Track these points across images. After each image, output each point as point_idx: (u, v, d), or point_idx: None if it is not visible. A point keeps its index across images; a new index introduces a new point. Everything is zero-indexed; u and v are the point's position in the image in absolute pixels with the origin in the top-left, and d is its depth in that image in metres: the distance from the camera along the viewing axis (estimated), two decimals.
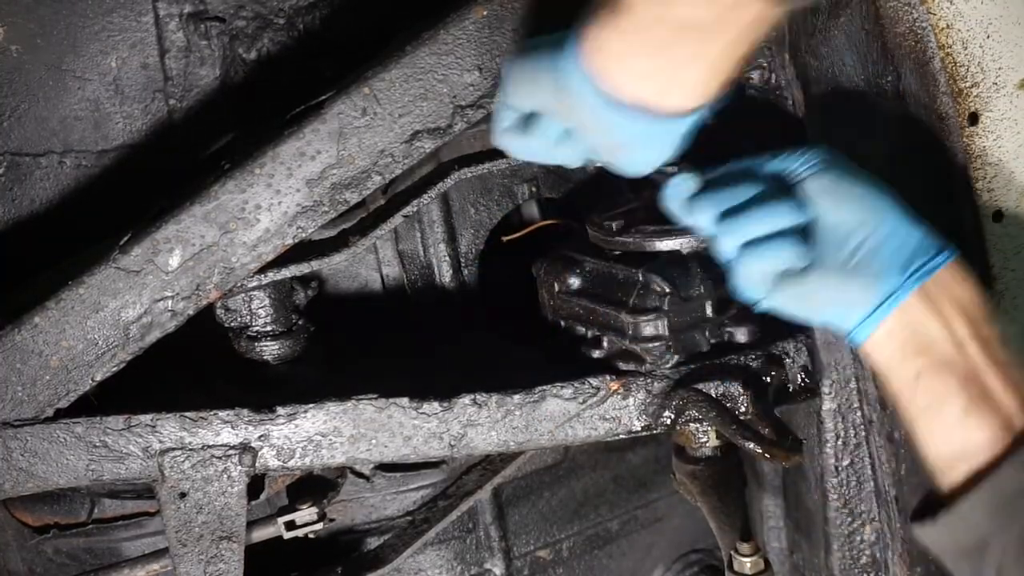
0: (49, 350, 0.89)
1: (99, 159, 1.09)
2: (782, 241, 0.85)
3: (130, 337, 0.91)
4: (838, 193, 0.85)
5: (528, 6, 0.89)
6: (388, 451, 0.98)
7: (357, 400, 0.96)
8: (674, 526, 1.50)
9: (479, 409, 0.98)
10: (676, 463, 1.06)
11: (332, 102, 0.88)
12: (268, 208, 0.90)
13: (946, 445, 0.81)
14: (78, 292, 0.89)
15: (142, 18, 1.05)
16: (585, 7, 0.73)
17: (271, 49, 1.09)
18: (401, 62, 0.87)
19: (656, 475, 1.46)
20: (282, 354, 1.05)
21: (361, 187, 0.91)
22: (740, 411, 0.98)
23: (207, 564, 0.97)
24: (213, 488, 0.95)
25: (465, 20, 0.87)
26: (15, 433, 0.90)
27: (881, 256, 0.82)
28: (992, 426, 0.79)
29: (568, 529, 1.40)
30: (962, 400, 0.80)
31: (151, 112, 1.09)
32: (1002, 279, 0.97)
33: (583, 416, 1.00)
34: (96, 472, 0.93)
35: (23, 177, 1.08)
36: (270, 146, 0.89)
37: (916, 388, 0.82)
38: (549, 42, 0.79)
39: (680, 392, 0.98)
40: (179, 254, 0.90)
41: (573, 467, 1.39)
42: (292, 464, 0.97)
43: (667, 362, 0.99)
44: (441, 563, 1.31)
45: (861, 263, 0.82)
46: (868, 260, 0.82)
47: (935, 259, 0.81)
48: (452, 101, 0.89)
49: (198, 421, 0.94)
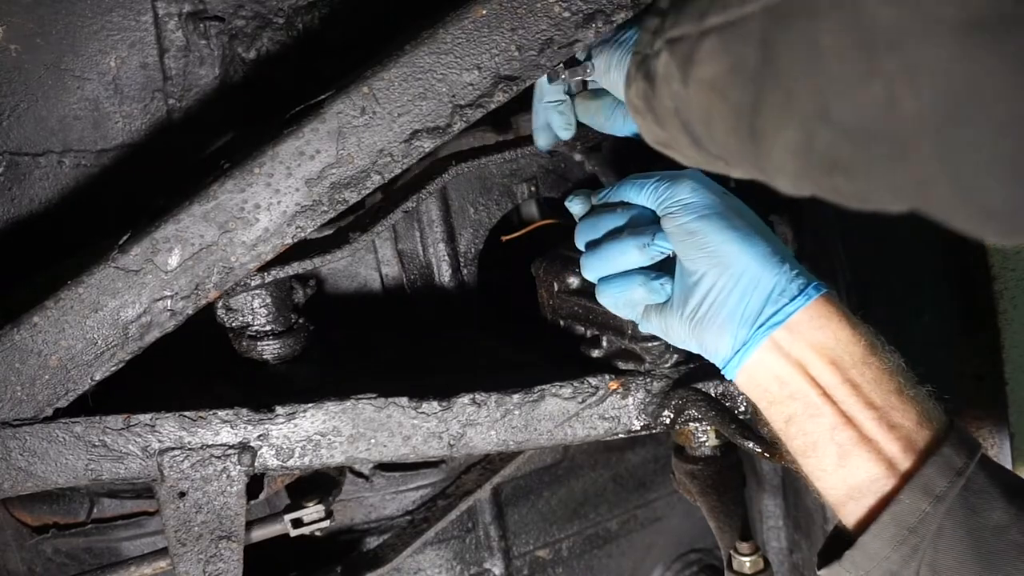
0: (48, 349, 0.89)
1: (98, 159, 1.09)
2: (630, 280, 0.87)
3: (129, 336, 0.91)
4: (688, 238, 0.83)
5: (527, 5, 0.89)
6: (387, 451, 0.98)
7: (356, 400, 0.96)
8: (673, 526, 1.50)
9: (478, 408, 0.98)
10: (675, 462, 1.06)
11: (331, 101, 0.88)
12: (267, 207, 0.90)
13: (830, 486, 0.80)
14: (77, 291, 0.89)
15: (141, 17, 1.05)
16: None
17: (270, 49, 1.09)
18: (400, 61, 0.87)
19: (655, 475, 1.46)
20: (282, 353, 1.05)
21: (360, 186, 0.90)
22: (739, 410, 0.98)
23: (206, 563, 0.97)
24: (212, 487, 0.95)
25: (464, 19, 0.87)
26: (14, 433, 0.90)
27: (728, 307, 0.80)
28: (873, 470, 0.77)
29: (567, 529, 1.40)
30: (834, 446, 0.78)
31: (150, 112, 1.09)
32: (1002, 279, 0.97)
33: (582, 415, 1.00)
34: (95, 471, 0.93)
35: (22, 177, 1.08)
36: (269, 145, 0.88)
37: (788, 432, 0.81)
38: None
39: (679, 391, 0.98)
40: (178, 254, 0.90)
41: (572, 467, 1.39)
42: (291, 464, 0.97)
43: (666, 361, 0.99)
44: (440, 563, 1.31)
45: (710, 313, 0.81)
46: (715, 311, 0.81)
47: (787, 307, 0.79)
48: (451, 100, 0.89)
49: (197, 421, 0.94)
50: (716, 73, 0.63)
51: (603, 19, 0.86)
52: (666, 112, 0.72)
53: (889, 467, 0.77)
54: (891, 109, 0.48)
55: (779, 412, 0.81)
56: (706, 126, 0.68)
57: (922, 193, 0.50)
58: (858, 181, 0.55)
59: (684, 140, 0.73)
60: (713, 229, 0.81)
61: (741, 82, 0.61)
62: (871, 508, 0.77)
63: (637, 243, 0.86)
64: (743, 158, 0.67)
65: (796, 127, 0.56)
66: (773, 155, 0.61)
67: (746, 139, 0.63)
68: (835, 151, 0.54)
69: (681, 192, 0.84)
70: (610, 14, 0.86)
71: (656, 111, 0.73)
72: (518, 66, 0.88)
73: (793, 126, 0.57)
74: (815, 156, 0.56)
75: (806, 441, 0.80)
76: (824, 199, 0.61)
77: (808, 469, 0.81)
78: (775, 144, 0.60)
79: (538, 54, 0.87)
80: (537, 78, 0.89)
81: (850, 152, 0.53)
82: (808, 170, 0.58)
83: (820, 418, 0.79)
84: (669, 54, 0.69)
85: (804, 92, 0.55)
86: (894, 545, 0.75)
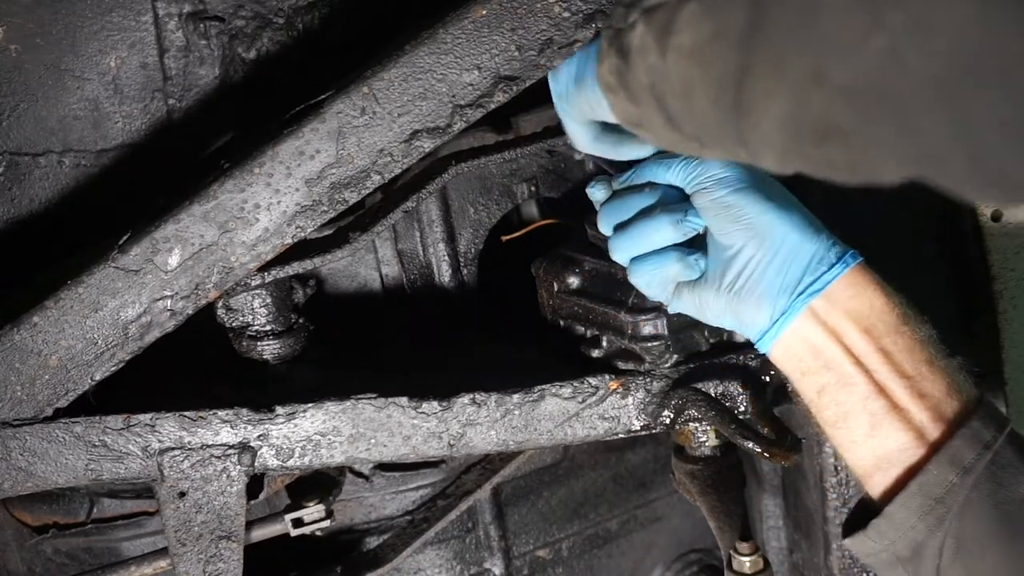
0: (48, 349, 0.89)
1: (98, 159, 1.09)
2: (664, 257, 0.86)
3: (129, 336, 0.91)
4: (723, 211, 0.83)
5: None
6: (387, 450, 0.98)
7: (356, 399, 0.96)
8: (673, 526, 1.50)
9: (478, 408, 0.98)
10: (675, 462, 1.06)
11: (331, 101, 0.88)
12: (267, 207, 0.90)
13: (859, 457, 0.80)
14: (77, 291, 0.89)
15: (141, 17, 1.05)
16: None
17: (270, 49, 1.09)
18: (400, 61, 0.87)
19: (655, 475, 1.46)
20: (282, 353, 1.05)
21: (360, 186, 0.91)
22: (739, 410, 0.98)
23: (206, 563, 0.97)
24: (212, 487, 0.95)
25: (464, 19, 0.87)
26: (14, 433, 0.90)
27: (767, 278, 0.80)
28: (902, 439, 0.77)
29: (567, 528, 1.40)
30: (866, 416, 0.78)
31: (150, 112, 1.09)
32: (1002, 279, 0.97)
33: (582, 415, 1.00)
34: (95, 471, 0.93)
35: (22, 177, 1.08)
36: (269, 145, 0.88)
37: (820, 403, 0.81)
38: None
39: (679, 391, 0.98)
40: (178, 253, 0.90)
41: (572, 467, 1.39)
42: (291, 464, 0.97)
43: (666, 361, 0.99)
44: (440, 562, 1.31)
45: (747, 285, 0.81)
46: (754, 282, 0.81)
47: (825, 275, 0.79)
48: (451, 100, 0.89)
49: (197, 421, 0.94)
50: (697, 40, 0.61)
51: (603, 19, 0.86)
52: (640, 87, 0.69)
53: (918, 437, 0.77)
54: (895, 67, 0.45)
55: (812, 383, 0.81)
56: (684, 99, 0.65)
57: (929, 160, 0.48)
58: (854, 149, 0.52)
59: (658, 119, 0.70)
60: (749, 201, 0.81)
61: (725, 48, 0.58)
62: (898, 478, 0.77)
63: (671, 219, 0.86)
64: (723, 134, 0.64)
65: (787, 94, 0.54)
66: (760, 127, 0.58)
67: (729, 111, 0.60)
68: (831, 116, 0.52)
69: (712, 168, 0.84)
70: (610, 14, 0.86)
71: (630, 87, 0.71)
72: (518, 66, 0.88)
73: (784, 93, 0.54)
74: (807, 124, 0.54)
75: (838, 411, 0.80)
76: (812, 174, 0.58)
77: (838, 440, 0.81)
78: (764, 115, 0.57)
79: (538, 54, 0.87)
80: (537, 78, 0.89)
81: (848, 116, 0.51)
82: (798, 142, 0.56)
83: (853, 387, 0.79)
84: (645, 24, 0.66)
85: (797, 53, 0.51)
86: (920, 515, 0.75)
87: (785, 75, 0.53)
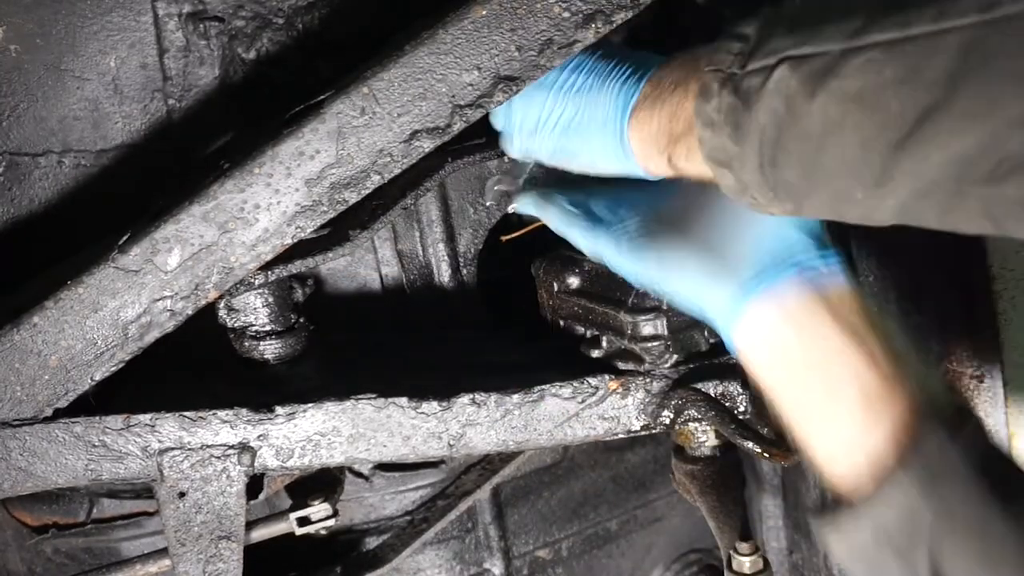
0: (48, 350, 0.89)
1: (98, 159, 1.09)
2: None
3: (129, 337, 0.91)
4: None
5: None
6: (387, 451, 0.98)
7: (356, 400, 0.96)
8: (673, 526, 1.50)
9: (478, 409, 0.98)
10: (675, 463, 1.06)
11: (331, 102, 0.88)
12: (267, 208, 0.90)
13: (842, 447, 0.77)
14: (77, 292, 0.89)
15: (141, 18, 1.05)
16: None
17: (270, 49, 1.09)
18: (400, 62, 0.87)
19: (655, 475, 1.46)
20: (282, 353, 1.05)
21: (360, 187, 0.90)
22: (739, 410, 0.98)
23: (206, 563, 0.97)
24: (212, 488, 0.95)
25: (464, 20, 0.87)
26: (14, 433, 0.90)
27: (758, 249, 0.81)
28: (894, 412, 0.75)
29: (567, 529, 1.40)
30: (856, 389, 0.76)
31: (150, 112, 1.09)
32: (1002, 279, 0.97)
33: (582, 416, 1.00)
34: (95, 472, 0.93)
35: (22, 177, 1.08)
36: (269, 146, 0.88)
37: (795, 392, 0.79)
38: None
39: (679, 391, 0.98)
40: (178, 254, 0.90)
41: (572, 467, 1.39)
42: (291, 464, 0.97)
43: (666, 361, 0.99)
44: (440, 563, 1.31)
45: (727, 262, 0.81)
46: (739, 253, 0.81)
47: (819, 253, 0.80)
48: (451, 101, 0.89)
49: (197, 421, 0.94)
50: (868, 85, 0.63)
51: (603, 19, 0.86)
52: (753, 127, 0.71)
53: (908, 419, 0.75)
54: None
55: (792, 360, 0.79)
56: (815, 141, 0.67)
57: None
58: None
59: (753, 161, 0.72)
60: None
61: (909, 91, 0.60)
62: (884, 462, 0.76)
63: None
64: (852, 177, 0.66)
65: (981, 133, 0.56)
66: (924, 164, 0.61)
67: (885, 150, 0.62)
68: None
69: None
70: (610, 14, 0.86)
71: (740, 125, 0.72)
72: (518, 66, 0.88)
73: (977, 132, 0.57)
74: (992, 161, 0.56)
75: (826, 388, 0.78)
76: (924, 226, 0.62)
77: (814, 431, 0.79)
78: (937, 151, 0.59)
79: (538, 54, 0.87)
80: (537, 78, 0.89)
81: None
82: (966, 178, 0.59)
83: (844, 361, 0.77)
84: (791, 70, 0.68)
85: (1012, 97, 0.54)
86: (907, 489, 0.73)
87: (991, 116, 0.56)
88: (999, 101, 0.56)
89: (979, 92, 0.57)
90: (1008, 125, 0.55)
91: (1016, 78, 0.54)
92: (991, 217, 0.61)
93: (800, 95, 0.67)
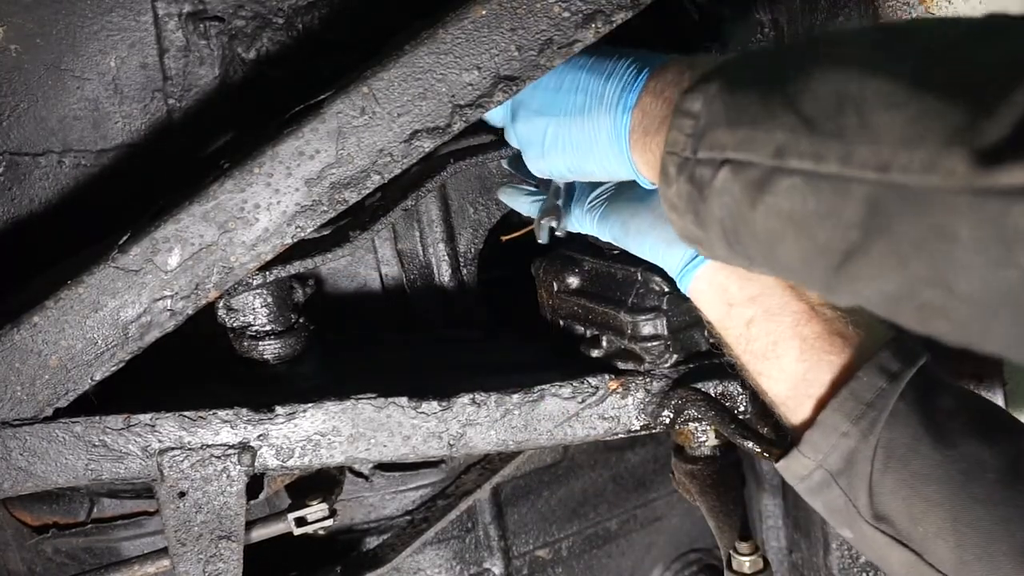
0: (48, 349, 0.89)
1: (98, 159, 1.09)
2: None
3: (129, 336, 0.91)
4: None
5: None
6: (387, 450, 0.98)
7: (356, 399, 0.96)
8: (673, 525, 1.50)
9: (478, 408, 0.98)
10: (675, 462, 1.06)
11: (331, 101, 0.88)
12: (267, 207, 0.90)
13: (787, 385, 0.84)
14: (77, 291, 0.89)
15: (141, 17, 1.05)
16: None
17: (270, 49, 1.09)
18: (400, 61, 0.87)
19: (655, 474, 1.46)
20: (282, 353, 1.05)
21: (360, 186, 0.91)
22: (739, 410, 0.98)
23: (206, 563, 0.97)
24: (212, 487, 0.95)
25: (464, 19, 0.87)
26: (14, 432, 0.90)
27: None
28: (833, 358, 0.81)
29: (567, 528, 1.40)
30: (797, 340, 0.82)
31: (150, 112, 1.09)
32: None
33: (582, 415, 1.00)
34: (95, 471, 0.93)
35: (22, 177, 1.08)
36: (269, 145, 0.89)
37: (749, 335, 0.85)
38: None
39: (679, 391, 0.98)
40: (178, 254, 0.90)
41: (572, 466, 1.39)
42: (291, 463, 0.97)
43: (666, 361, 0.99)
44: (440, 562, 1.31)
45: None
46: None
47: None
48: (451, 100, 0.89)
49: (197, 420, 0.94)
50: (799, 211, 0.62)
51: (603, 19, 0.86)
52: (712, 219, 0.71)
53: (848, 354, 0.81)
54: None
55: (740, 315, 0.85)
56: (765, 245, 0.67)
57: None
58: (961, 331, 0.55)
59: (721, 244, 0.72)
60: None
61: (834, 227, 0.59)
62: (827, 392, 0.81)
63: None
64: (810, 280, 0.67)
65: (901, 283, 0.56)
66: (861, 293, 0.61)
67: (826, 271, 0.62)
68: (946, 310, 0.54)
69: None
70: (610, 14, 0.86)
71: (700, 215, 0.72)
72: (518, 66, 0.88)
73: (897, 281, 0.56)
74: (915, 306, 0.57)
75: (767, 341, 0.84)
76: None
77: (766, 372, 0.85)
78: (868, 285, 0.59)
79: (538, 54, 0.87)
80: (537, 78, 0.89)
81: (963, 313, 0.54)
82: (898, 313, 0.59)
83: (782, 316, 0.83)
84: (732, 174, 0.66)
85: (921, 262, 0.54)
86: (853, 419, 0.79)
87: (903, 271, 0.55)
88: (907, 261, 0.55)
89: (888, 249, 0.56)
90: (919, 281, 0.55)
91: (916, 245, 0.53)
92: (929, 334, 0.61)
93: (743, 203, 0.66)
